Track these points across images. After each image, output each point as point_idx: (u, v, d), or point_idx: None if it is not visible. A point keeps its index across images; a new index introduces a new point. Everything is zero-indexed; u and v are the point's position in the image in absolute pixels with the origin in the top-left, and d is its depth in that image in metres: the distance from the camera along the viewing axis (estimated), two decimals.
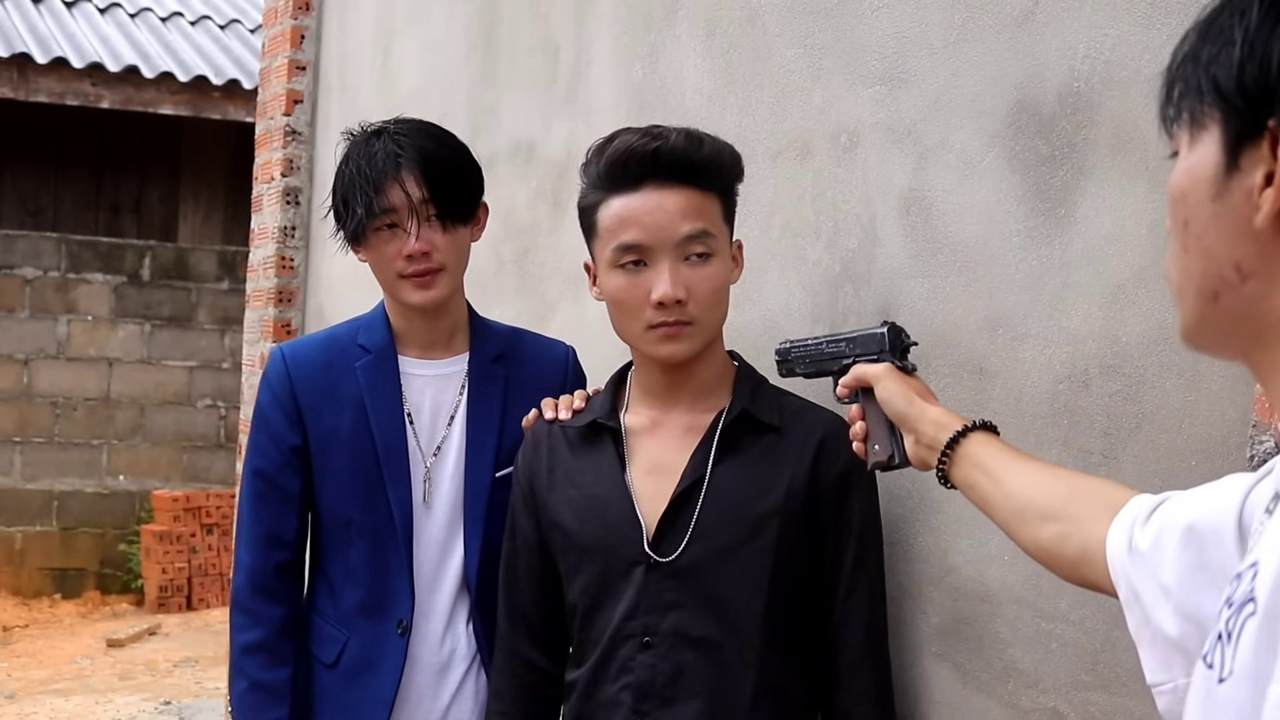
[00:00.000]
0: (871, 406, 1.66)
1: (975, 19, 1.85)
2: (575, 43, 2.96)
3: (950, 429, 1.52)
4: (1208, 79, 0.86)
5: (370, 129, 2.17)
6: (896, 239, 1.97)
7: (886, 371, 1.65)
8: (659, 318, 1.79)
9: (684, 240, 1.78)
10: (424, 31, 3.89)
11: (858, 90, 2.07)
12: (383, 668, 2.14)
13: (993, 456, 1.47)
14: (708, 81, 2.44)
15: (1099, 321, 1.65)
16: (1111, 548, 1.21)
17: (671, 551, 1.81)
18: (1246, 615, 0.76)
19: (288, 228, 4.74)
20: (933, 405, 1.60)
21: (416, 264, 2.10)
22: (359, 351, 2.20)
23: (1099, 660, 1.64)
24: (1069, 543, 1.32)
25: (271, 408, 2.18)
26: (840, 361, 1.74)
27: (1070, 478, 1.41)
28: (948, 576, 1.88)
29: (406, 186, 2.08)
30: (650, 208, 1.78)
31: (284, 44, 4.79)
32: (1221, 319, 0.87)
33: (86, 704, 6.19)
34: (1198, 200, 0.87)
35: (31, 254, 8.62)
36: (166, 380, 8.88)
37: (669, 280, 1.77)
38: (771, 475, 1.83)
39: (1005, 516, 1.43)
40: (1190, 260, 0.88)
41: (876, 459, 1.67)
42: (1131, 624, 1.16)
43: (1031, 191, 1.75)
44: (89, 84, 8.62)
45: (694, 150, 1.80)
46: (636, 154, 1.78)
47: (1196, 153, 0.87)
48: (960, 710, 1.85)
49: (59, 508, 8.66)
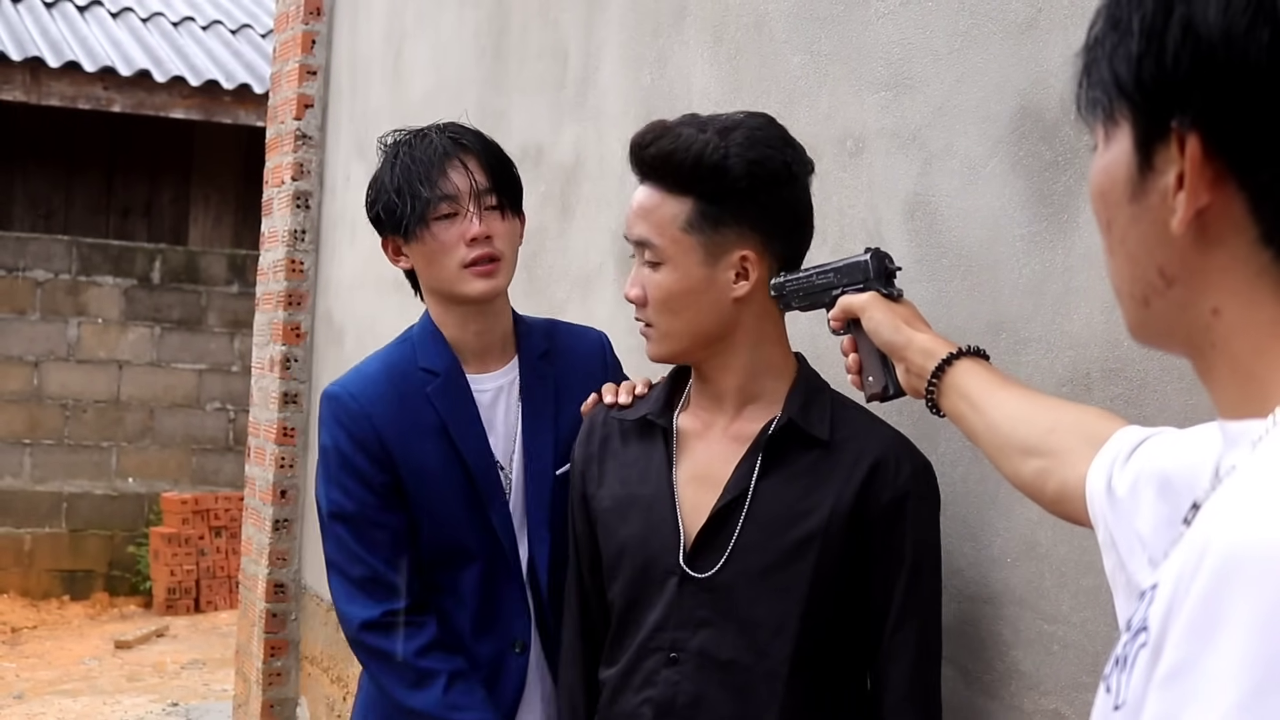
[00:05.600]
0: (861, 337, 1.64)
1: (979, 26, 1.86)
2: (584, 48, 2.98)
3: (937, 356, 1.49)
4: (1110, 72, 0.78)
5: (410, 131, 2.13)
6: (901, 243, 1.99)
7: (872, 300, 1.62)
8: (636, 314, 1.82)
9: (633, 243, 1.78)
10: (434, 36, 3.91)
11: (863, 96, 2.08)
12: (501, 687, 2.08)
13: (978, 386, 1.43)
14: (715, 87, 2.46)
15: (1101, 326, 1.67)
16: (1091, 487, 1.18)
17: (708, 568, 1.74)
18: (1140, 645, 0.71)
19: (298, 231, 4.76)
20: (921, 331, 1.56)
21: (480, 248, 2.04)
22: (425, 376, 2.11)
23: (1100, 662, 1.65)
24: (1049, 479, 1.28)
25: (353, 451, 2.07)
26: (830, 293, 1.70)
27: (1054, 408, 1.37)
28: (951, 579, 1.89)
29: (470, 170, 2.05)
30: (635, 204, 1.78)
31: (295, 49, 4.81)
32: (1155, 322, 0.82)
33: (94, 705, 6.21)
34: (1116, 201, 0.80)
35: (42, 256, 8.66)
36: (176, 383, 8.90)
37: (630, 279, 1.80)
38: (816, 495, 1.72)
39: (990, 449, 1.40)
40: (1118, 264, 0.82)
41: (871, 390, 1.65)
42: (1108, 566, 1.14)
43: (1035, 197, 1.76)
44: (101, 88, 8.65)
45: (644, 145, 1.76)
46: (634, 152, 1.78)
47: (1111, 150, 0.80)
48: (963, 712, 1.86)
49: (68, 509, 8.68)
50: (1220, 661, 0.64)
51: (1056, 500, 1.27)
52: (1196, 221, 0.75)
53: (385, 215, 2.09)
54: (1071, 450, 1.25)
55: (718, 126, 1.71)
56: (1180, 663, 0.67)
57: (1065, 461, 1.26)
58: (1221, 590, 0.65)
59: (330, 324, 4.62)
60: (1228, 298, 0.76)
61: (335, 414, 2.09)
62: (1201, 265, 0.77)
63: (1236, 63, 0.72)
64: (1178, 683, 0.66)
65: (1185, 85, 0.74)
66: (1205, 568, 0.67)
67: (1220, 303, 0.77)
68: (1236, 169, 0.74)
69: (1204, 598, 0.66)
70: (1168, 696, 0.67)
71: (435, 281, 2.10)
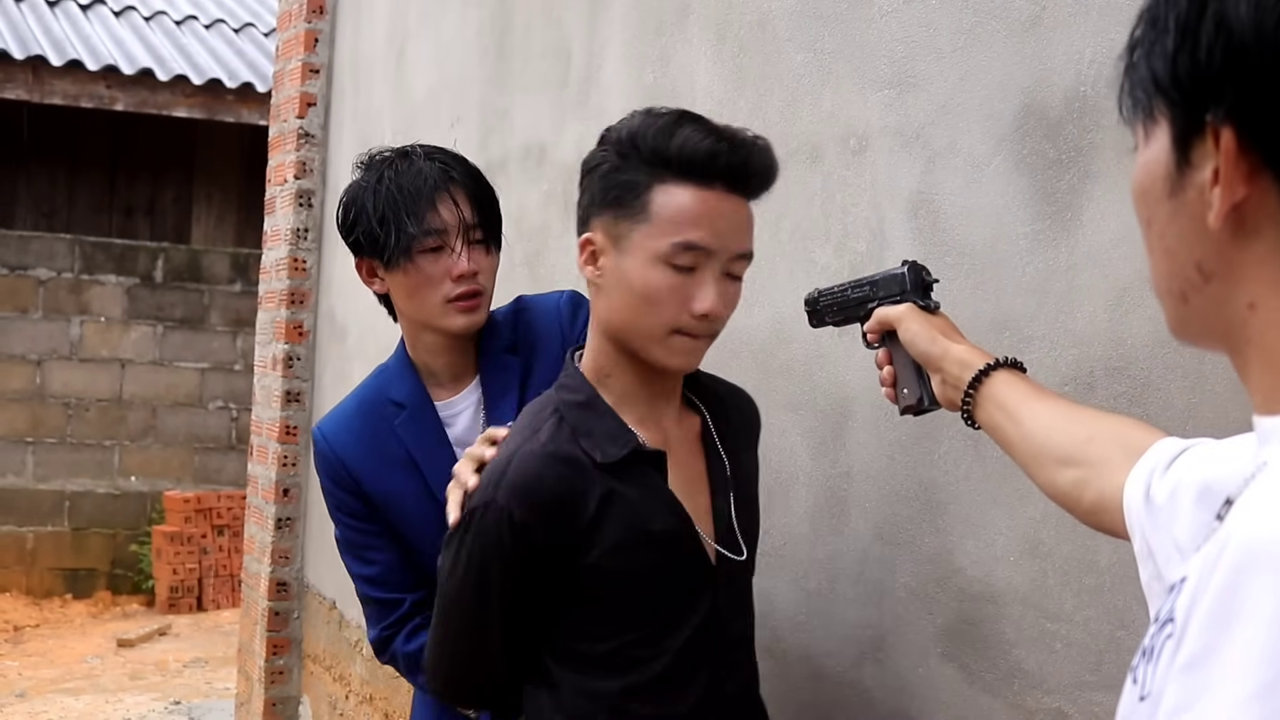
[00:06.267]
0: (897, 350, 1.63)
1: (983, 24, 1.86)
2: (587, 46, 2.98)
3: (974, 368, 1.48)
4: (1148, 70, 0.80)
5: (393, 151, 2.09)
6: (904, 242, 1.99)
7: (908, 312, 1.61)
8: (693, 328, 1.65)
9: (736, 256, 1.66)
10: (437, 35, 3.91)
11: (867, 94, 2.08)
12: None
13: (1015, 396, 1.42)
14: (718, 85, 2.46)
15: (1104, 324, 1.66)
16: (1129, 497, 1.17)
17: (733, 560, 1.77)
18: (1166, 636, 0.72)
19: (300, 230, 4.76)
20: (958, 342, 1.55)
21: (465, 284, 2.02)
22: (393, 409, 2.12)
23: (1103, 661, 1.65)
24: (1087, 489, 1.27)
25: (334, 488, 2.14)
26: (865, 306, 1.69)
27: (1091, 419, 1.36)
28: (953, 577, 1.89)
29: (459, 205, 2.02)
30: (724, 212, 1.63)
31: (298, 47, 4.81)
32: (1194, 319, 0.82)
33: (96, 703, 6.21)
34: (1155, 198, 0.81)
35: (45, 255, 8.67)
36: (178, 382, 8.91)
37: (715, 293, 1.63)
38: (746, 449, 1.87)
39: (1025, 460, 1.38)
40: (1157, 261, 0.83)
41: (906, 403, 1.63)
42: (1144, 576, 1.12)
43: (1038, 195, 1.76)
44: (104, 86, 8.65)
45: (772, 168, 1.68)
46: (724, 155, 1.62)
47: (1151, 148, 0.81)
48: (966, 711, 1.86)
49: (70, 508, 8.69)
50: (1237, 652, 0.65)
51: (1093, 511, 1.26)
52: (1233, 215, 0.76)
53: (366, 241, 2.07)
54: (1109, 460, 1.25)
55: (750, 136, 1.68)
56: (1198, 653, 0.68)
57: (1103, 472, 1.25)
58: (1240, 582, 0.66)
59: (333, 322, 4.62)
60: (1264, 291, 0.77)
61: (316, 456, 2.17)
62: (1238, 259, 0.77)
63: (1268, 56, 0.72)
64: (1195, 672, 0.67)
65: (1218, 80, 0.75)
66: (1226, 559, 0.68)
67: (1256, 296, 0.77)
68: (1272, 162, 0.74)
69: (1223, 589, 0.67)
70: (1185, 685, 0.68)
71: (416, 313, 2.09)
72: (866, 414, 2.05)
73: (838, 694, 2.10)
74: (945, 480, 1.90)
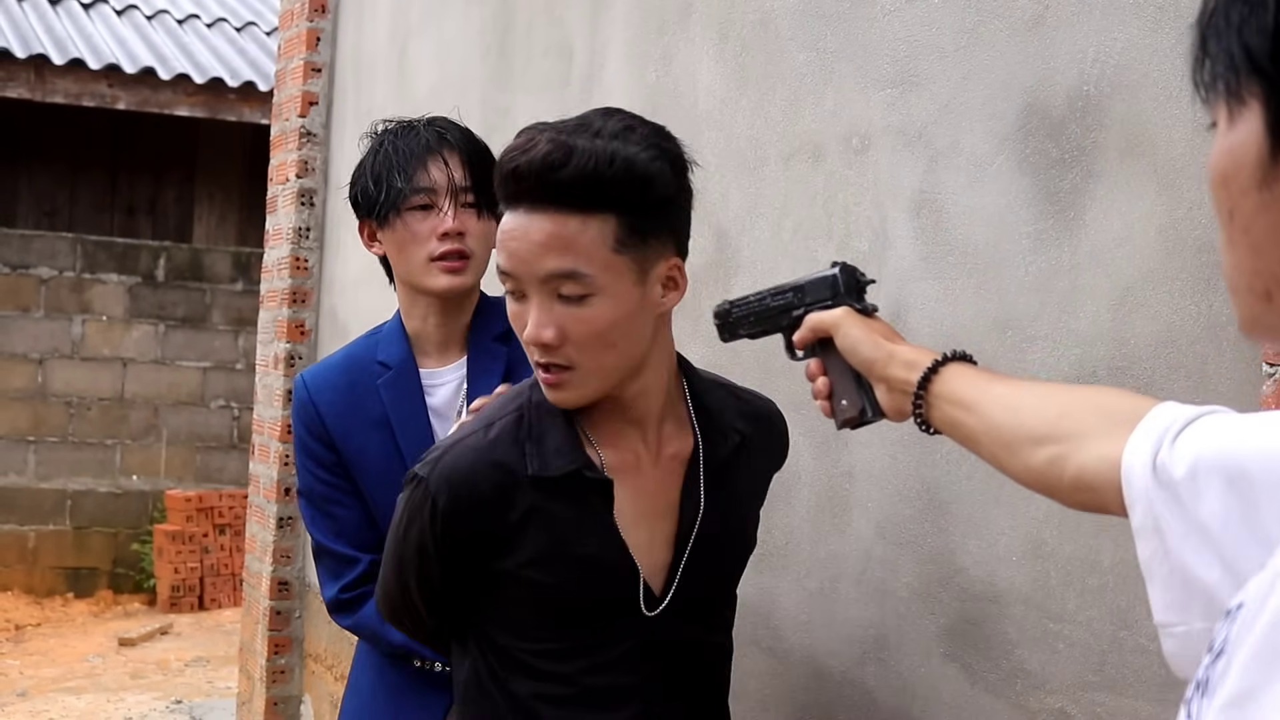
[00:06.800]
0: (832, 359, 1.49)
1: (986, 23, 1.86)
2: (589, 45, 2.98)
3: (920, 367, 1.36)
4: (1240, 46, 0.70)
5: (400, 122, 2.16)
6: (907, 241, 1.98)
7: (845, 316, 1.48)
8: (535, 357, 1.56)
9: (548, 278, 1.50)
10: (439, 34, 3.91)
11: (869, 93, 2.08)
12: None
13: (969, 387, 1.31)
14: (720, 84, 2.46)
15: (1108, 324, 1.66)
16: (1130, 465, 1.05)
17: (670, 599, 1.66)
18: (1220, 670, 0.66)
19: (302, 229, 4.76)
20: (900, 345, 1.43)
21: (450, 243, 2.07)
22: (379, 369, 2.16)
23: (1106, 661, 1.65)
24: (1066, 466, 1.16)
25: (307, 436, 2.18)
26: (790, 314, 1.56)
27: (1060, 392, 1.26)
28: (956, 577, 1.89)
29: (450, 166, 2.08)
30: (517, 234, 1.51)
31: (300, 46, 4.81)
32: (1276, 318, 0.74)
33: (98, 702, 6.21)
34: (1241, 188, 0.72)
35: (47, 254, 8.67)
36: (180, 381, 8.91)
37: (534, 320, 1.52)
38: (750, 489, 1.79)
39: (992, 450, 1.27)
40: (1238, 255, 0.74)
41: (846, 416, 1.49)
42: (1143, 553, 1.02)
43: (1041, 194, 1.76)
44: (105, 85, 8.66)
45: (555, 168, 1.47)
46: (501, 170, 1.53)
47: (1238, 131, 0.72)
48: (968, 711, 1.86)
49: (72, 507, 8.69)
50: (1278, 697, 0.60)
51: (1075, 488, 1.15)
52: None
53: (362, 198, 2.15)
54: (1090, 431, 1.14)
55: (609, 131, 1.51)
56: (1241, 692, 0.63)
57: (1083, 445, 1.14)
58: None
59: (334, 321, 4.62)
60: None
61: (294, 403, 2.22)
62: None
63: None
64: (1235, 712, 0.63)
65: None
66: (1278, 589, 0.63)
67: None
68: None
69: (1272, 625, 0.62)
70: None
71: (403, 271, 2.14)
72: None
73: (840, 694, 2.10)
74: (948, 480, 1.90)
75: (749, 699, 2.26)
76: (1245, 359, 1.50)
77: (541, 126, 1.53)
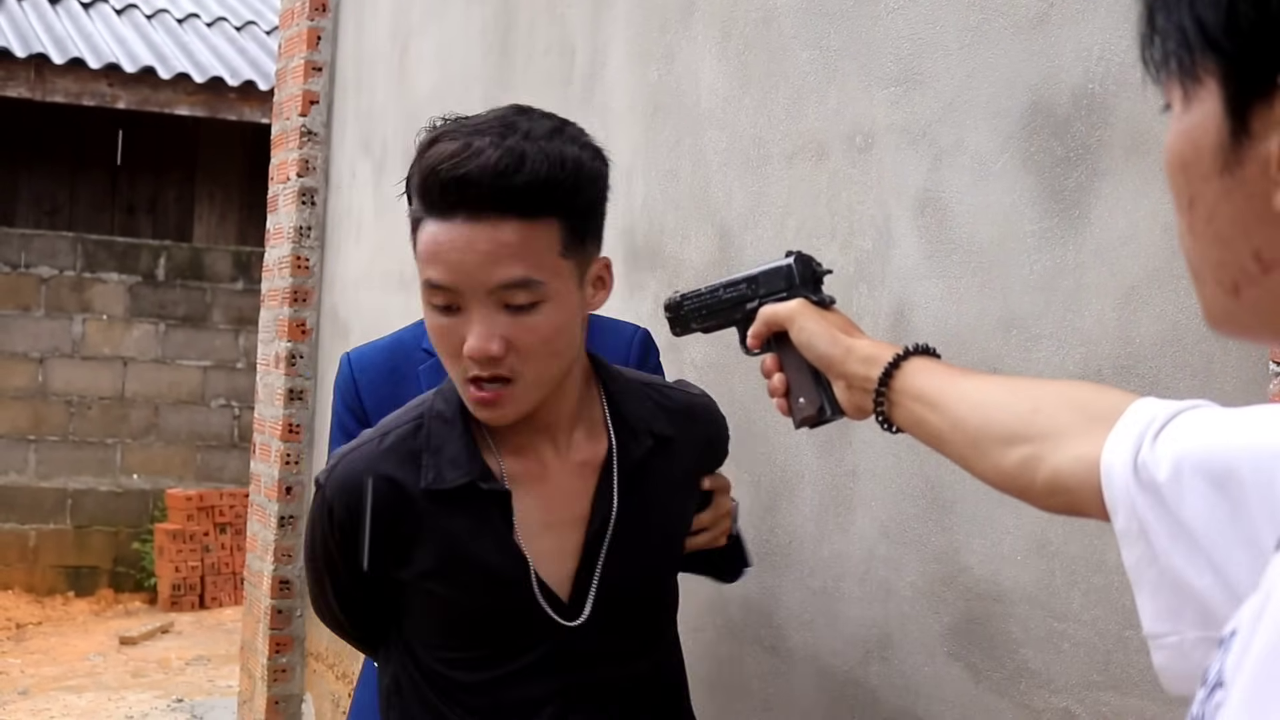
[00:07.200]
0: (788, 353, 1.42)
1: (990, 21, 1.85)
2: (591, 43, 2.97)
3: (881, 362, 1.28)
4: (1192, 20, 0.64)
5: None
6: (911, 240, 1.98)
7: (802, 309, 1.40)
8: (473, 371, 1.49)
9: (498, 289, 1.45)
10: (440, 32, 3.90)
11: (873, 92, 2.07)
12: None
13: (933, 383, 1.24)
14: (723, 83, 2.45)
15: (1113, 322, 1.66)
16: (1109, 466, 0.98)
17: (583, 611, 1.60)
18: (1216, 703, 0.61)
19: (303, 228, 4.76)
20: (860, 339, 1.36)
21: None
22: (423, 355, 2.14)
23: (1111, 660, 1.64)
24: (1040, 467, 1.09)
25: (345, 414, 2.18)
26: (743, 307, 1.49)
27: (1032, 388, 1.19)
28: (960, 576, 1.88)
29: None
30: (459, 246, 1.44)
31: (300, 45, 4.81)
32: (1245, 313, 0.68)
33: (99, 701, 6.21)
34: (1201, 174, 0.66)
35: (47, 253, 8.67)
36: (181, 380, 8.91)
37: (478, 333, 1.46)
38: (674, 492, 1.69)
39: (959, 450, 1.20)
40: (1202, 247, 0.68)
41: (804, 414, 1.42)
42: (1129, 559, 0.95)
43: (1046, 193, 1.76)
44: (105, 84, 8.65)
45: (509, 174, 1.42)
46: (441, 178, 1.44)
47: (1194, 112, 0.66)
48: (972, 710, 1.85)
49: (73, 506, 8.69)
50: None
51: (1050, 490, 1.08)
52: None
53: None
54: (1064, 430, 1.07)
55: (543, 132, 1.47)
56: None
57: (1058, 444, 1.07)
58: None
59: (335, 320, 4.62)
60: None
61: (338, 378, 2.23)
62: None
63: None
64: None
65: None
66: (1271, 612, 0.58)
67: None
68: None
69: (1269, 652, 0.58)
70: None
71: None
72: None
73: (843, 693, 2.10)
74: (952, 479, 1.89)
75: (752, 698, 2.26)
76: (1251, 357, 1.50)
77: (462, 129, 1.46)
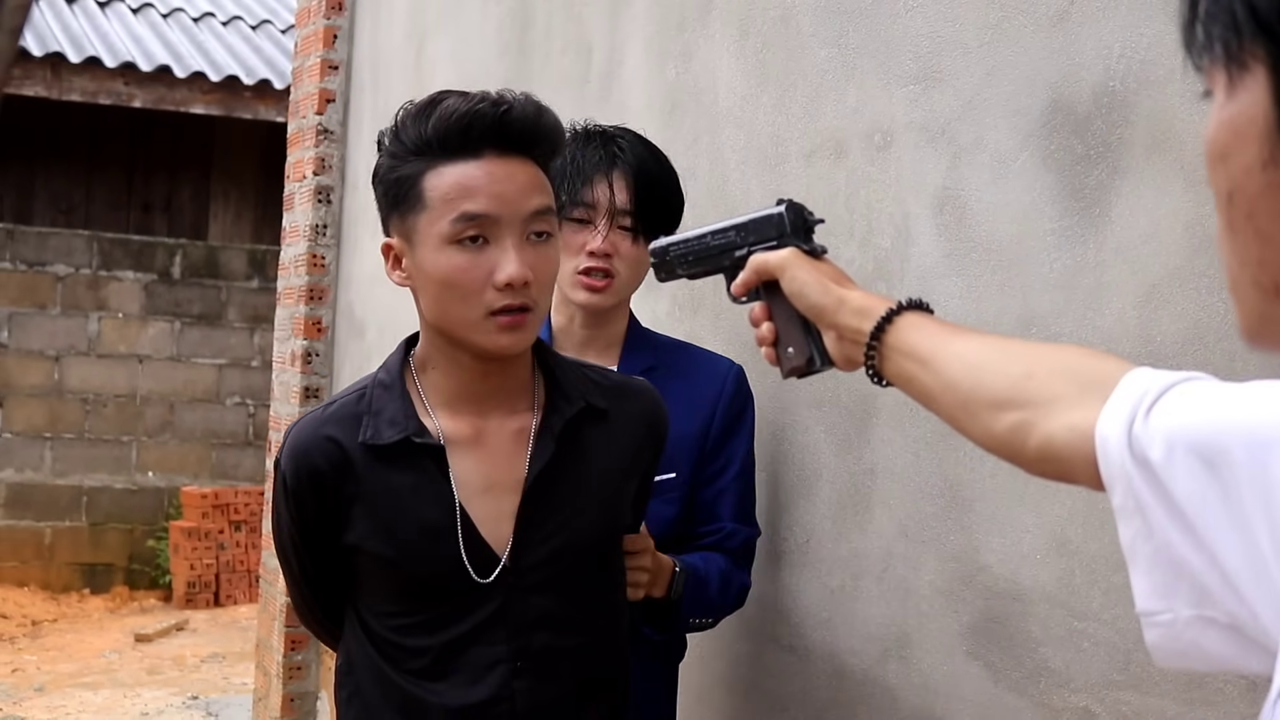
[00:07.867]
0: (778, 303, 1.40)
1: (1010, 18, 1.85)
2: (608, 42, 2.97)
3: (874, 315, 1.26)
4: (1242, 3, 0.61)
5: (588, 127, 2.15)
6: (930, 238, 1.98)
7: (793, 258, 1.38)
8: (503, 301, 1.60)
9: (531, 216, 1.62)
10: (457, 31, 3.91)
11: (892, 90, 2.07)
12: None
13: (927, 340, 1.21)
14: (741, 81, 2.45)
15: (1133, 321, 1.65)
16: (1105, 438, 0.95)
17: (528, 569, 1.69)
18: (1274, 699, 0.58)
19: (319, 226, 4.77)
20: (852, 290, 1.34)
21: (596, 261, 2.07)
22: None
23: (1131, 659, 1.64)
24: (1031, 434, 1.07)
25: None
26: (732, 254, 1.47)
27: (1027, 352, 1.16)
28: (979, 575, 1.88)
29: (614, 189, 2.08)
30: (499, 177, 1.61)
31: (316, 43, 4.82)
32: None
33: (114, 697, 6.23)
34: (1244, 166, 0.63)
35: (63, 251, 8.69)
36: (196, 378, 8.93)
37: (516, 260, 1.59)
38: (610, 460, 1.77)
39: (950, 411, 1.18)
40: (1240, 244, 0.65)
41: (792, 364, 1.40)
42: (1125, 536, 0.93)
43: (1066, 191, 1.75)
44: (121, 83, 8.68)
45: (540, 119, 1.65)
46: (482, 117, 1.61)
47: (1239, 101, 0.63)
48: (992, 709, 1.85)
49: (88, 503, 8.72)
50: None
51: (1041, 457, 1.06)
52: None
53: None
54: (1057, 397, 1.05)
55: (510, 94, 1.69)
56: None
57: (1050, 411, 1.05)
58: None
59: (351, 318, 4.62)
60: None
61: None
62: None
63: None
64: None
65: None
66: None
67: None
68: None
69: None
70: None
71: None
72: (891, 410, 2.04)
73: (861, 692, 2.09)
74: (971, 477, 1.89)
75: (769, 697, 2.26)
76: (1274, 357, 1.49)
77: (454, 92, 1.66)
